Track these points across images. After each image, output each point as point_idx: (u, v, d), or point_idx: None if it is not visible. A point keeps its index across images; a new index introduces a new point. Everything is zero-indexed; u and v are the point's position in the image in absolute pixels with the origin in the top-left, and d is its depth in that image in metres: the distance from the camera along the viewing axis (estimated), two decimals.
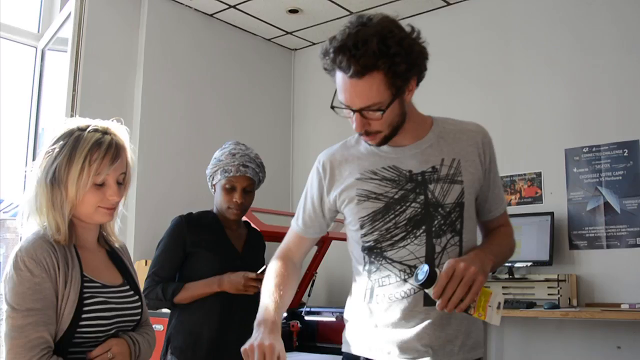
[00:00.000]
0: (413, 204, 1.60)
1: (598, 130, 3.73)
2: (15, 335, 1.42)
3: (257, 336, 1.52)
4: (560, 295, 3.47)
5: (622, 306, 3.31)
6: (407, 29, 1.52)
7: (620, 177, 3.62)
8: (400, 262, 1.60)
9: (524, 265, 3.69)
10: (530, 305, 3.44)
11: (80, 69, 3.46)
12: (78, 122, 1.59)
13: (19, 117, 4.07)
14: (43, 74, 4.05)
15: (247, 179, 2.46)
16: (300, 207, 1.80)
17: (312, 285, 4.10)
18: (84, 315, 1.51)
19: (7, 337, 1.43)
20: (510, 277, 3.69)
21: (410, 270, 1.58)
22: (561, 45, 3.93)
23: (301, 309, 4.04)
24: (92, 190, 1.53)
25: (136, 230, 3.99)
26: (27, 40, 4.01)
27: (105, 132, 1.58)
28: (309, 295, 4.11)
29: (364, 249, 1.66)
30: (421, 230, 1.59)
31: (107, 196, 1.56)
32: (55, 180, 1.51)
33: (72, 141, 1.53)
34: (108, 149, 1.54)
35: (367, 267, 1.66)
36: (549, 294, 3.52)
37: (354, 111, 1.52)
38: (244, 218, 2.72)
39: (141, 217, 4.01)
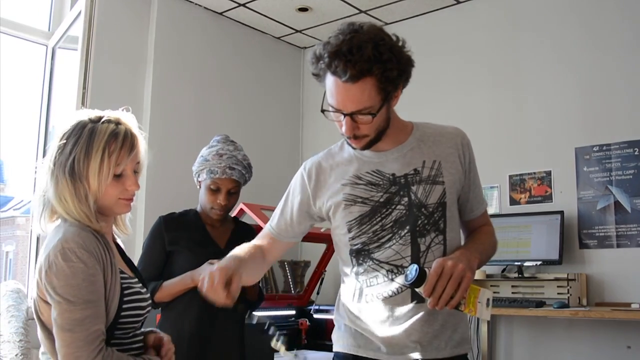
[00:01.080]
0: (398, 206, 1.65)
1: (608, 128, 3.71)
2: (75, 328, 1.39)
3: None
4: (570, 295, 3.46)
5: (633, 306, 3.30)
6: (393, 37, 1.58)
7: (631, 176, 3.60)
8: (387, 263, 1.64)
9: (534, 264, 3.67)
10: (540, 304, 3.43)
11: (90, 67, 3.47)
12: (88, 113, 1.56)
13: (29, 115, 4.10)
14: (53, 72, 4.06)
15: (232, 181, 2.45)
16: (278, 210, 1.82)
17: (321, 284, 4.10)
18: (125, 306, 1.50)
19: (65, 331, 1.39)
20: (520, 276, 3.68)
21: (396, 269, 1.63)
22: (572, 43, 3.92)
23: (310, 307, 4.04)
24: (112, 183, 1.52)
25: (145, 225, 3.99)
26: (37, 39, 4.03)
27: (118, 122, 1.56)
28: (317, 294, 4.11)
29: (351, 251, 1.70)
30: (405, 231, 1.64)
31: (126, 187, 1.55)
32: (74, 174, 1.48)
33: (87, 134, 1.50)
34: (125, 139, 1.53)
35: (355, 269, 1.70)
36: (558, 293, 3.51)
37: (345, 115, 1.56)
38: (250, 212, 2.70)
39: (150, 212, 4.01)
